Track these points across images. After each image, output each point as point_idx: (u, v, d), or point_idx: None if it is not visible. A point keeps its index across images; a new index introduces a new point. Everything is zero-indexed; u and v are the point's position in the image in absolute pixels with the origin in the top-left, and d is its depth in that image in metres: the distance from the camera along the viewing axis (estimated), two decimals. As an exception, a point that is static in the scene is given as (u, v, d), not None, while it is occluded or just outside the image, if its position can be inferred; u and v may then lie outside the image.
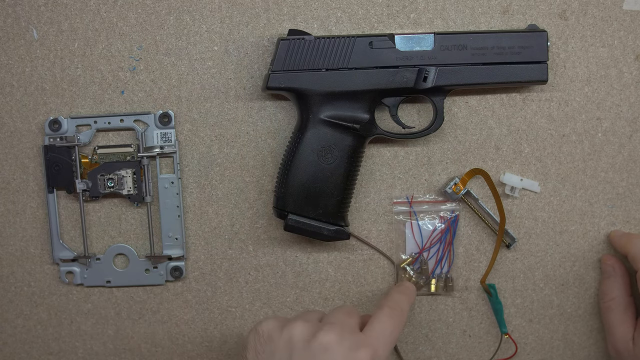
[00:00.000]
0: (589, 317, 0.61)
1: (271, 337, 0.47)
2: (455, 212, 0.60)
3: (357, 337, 0.46)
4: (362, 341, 0.46)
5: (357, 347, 0.45)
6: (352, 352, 0.44)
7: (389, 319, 0.49)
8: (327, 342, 0.45)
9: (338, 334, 0.45)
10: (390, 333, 0.48)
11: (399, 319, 0.50)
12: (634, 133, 0.59)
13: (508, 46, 0.54)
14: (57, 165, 0.59)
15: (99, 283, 0.61)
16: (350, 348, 0.45)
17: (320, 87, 0.54)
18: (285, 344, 0.46)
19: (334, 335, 0.45)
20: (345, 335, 0.46)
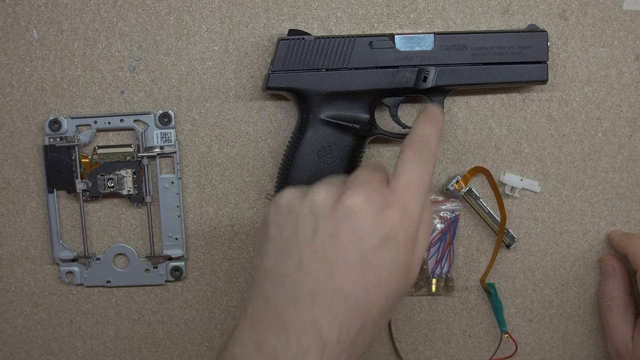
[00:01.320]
0: (589, 317, 0.61)
1: (292, 208, 0.42)
2: (455, 212, 0.60)
3: (384, 195, 0.41)
4: (389, 199, 0.41)
5: (385, 206, 0.40)
6: (379, 214, 0.40)
7: (416, 162, 0.42)
8: (352, 205, 0.40)
9: (364, 195, 0.40)
10: (420, 179, 0.42)
11: (428, 158, 0.43)
12: (634, 133, 0.59)
13: (508, 46, 0.54)
14: (57, 165, 0.59)
15: (99, 283, 0.61)
16: (378, 209, 0.40)
17: (320, 87, 0.54)
18: (308, 213, 0.41)
19: (359, 197, 0.40)
20: (372, 195, 0.41)
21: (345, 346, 0.39)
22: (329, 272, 0.40)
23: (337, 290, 0.39)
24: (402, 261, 0.41)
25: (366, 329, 0.40)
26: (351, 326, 0.39)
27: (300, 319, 0.39)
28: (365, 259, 0.40)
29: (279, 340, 0.39)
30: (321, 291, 0.40)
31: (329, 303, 0.39)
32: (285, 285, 0.41)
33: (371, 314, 0.40)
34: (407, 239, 0.41)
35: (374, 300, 0.40)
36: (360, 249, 0.40)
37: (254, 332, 0.40)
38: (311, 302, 0.39)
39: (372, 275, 0.40)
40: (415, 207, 0.41)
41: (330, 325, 0.39)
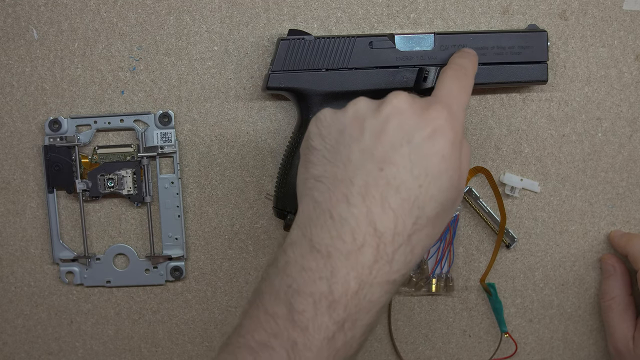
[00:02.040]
0: (589, 317, 0.61)
1: (336, 118, 0.43)
2: (455, 211, 0.60)
3: (427, 99, 0.43)
4: (433, 100, 0.42)
5: (429, 104, 0.41)
6: (425, 110, 0.41)
7: (454, 80, 0.45)
8: (397, 104, 0.41)
9: (408, 97, 0.42)
10: (459, 89, 0.44)
11: (466, 80, 0.46)
12: (634, 133, 0.59)
13: (508, 46, 0.54)
14: (57, 165, 0.59)
15: (99, 283, 0.61)
16: (423, 107, 0.41)
17: (320, 87, 0.54)
18: (352, 117, 0.42)
19: (403, 98, 0.41)
20: (415, 98, 0.42)
21: (402, 241, 0.39)
22: (379, 165, 0.40)
23: (390, 182, 0.39)
24: (452, 157, 0.41)
25: (421, 224, 0.40)
26: (406, 218, 0.39)
27: (354, 214, 0.39)
28: (415, 150, 0.40)
29: (332, 237, 0.39)
30: (373, 184, 0.39)
31: (381, 195, 0.39)
32: (336, 184, 0.40)
33: (425, 208, 0.40)
34: (454, 136, 0.41)
35: (426, 193, 0.40)
36: (409, 142, 0.40)
37: (306, 234, 0.40)
38: (363, 195, 0.39)
39: (423, 166, 0.40)
40: (458, 108, 0.43)
41: (385, 216, 0.39)
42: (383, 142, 0.40)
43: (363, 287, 0.39)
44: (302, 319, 0.38)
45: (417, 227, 0.40)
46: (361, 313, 0.39)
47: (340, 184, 0.40)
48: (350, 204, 0.39)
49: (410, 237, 0.40)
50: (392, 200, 0.39)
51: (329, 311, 0.38)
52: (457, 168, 0.41)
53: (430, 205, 0.40)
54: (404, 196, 0.39)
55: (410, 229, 0.39)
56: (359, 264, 0.38)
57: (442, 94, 0.43)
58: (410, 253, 0.40)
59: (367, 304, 0.39)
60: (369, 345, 0.62)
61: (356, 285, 0.38)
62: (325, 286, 0.38)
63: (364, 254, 0.39)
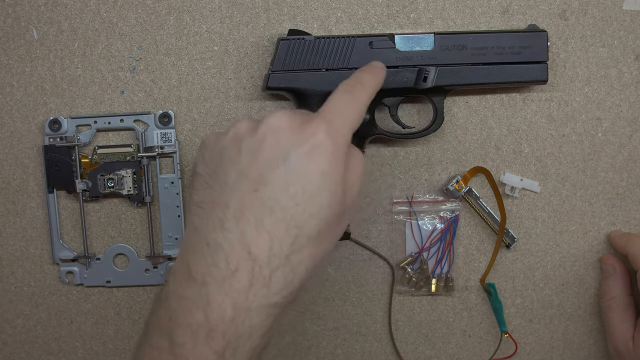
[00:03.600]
0: (589, 317, 0.61)
1: (217, 142, 0.42)
2: (455, 212, 0.60)
3: (308, 114, 0.41)
4: (314, 115, 0.41)
5: (309, 120, 0.40)
6: (304, 126, 0.39)
7: (345, 93, 0.43)
8: (275, 122, 0.40)
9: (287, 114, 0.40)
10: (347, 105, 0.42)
11: (359, 93, 0.44)
12: (634, 133, 0.59)
13: (508, 46, 0.54)
14: (57, 165, 0.59)
15: (99, 283, 0.61)
16: (301, 123, 0.40)
17: (320, 87, 0.54)
18: (232, 139, 0.41)
19: (282, 115, 0.40)
20: (295, 114, 0.41)
21: (279, 263, 0.38)
22: (254, 186, 0.39)
23: (264, 203, 0.38)
24: (332, 172, 0.39)
25: (300, 244, 0.39)
26: (283, 239, 0.38)
27: (228, 239, 0.38)
28: (291, 168, 0.39)
29: (207, 265, 0.38)
30: (248, 206, 0.38)
31: (256, 217, 0.38)
32: (213, 210, 0.39)
33: (303, 227, 0.38)
34: (335, 150, 0.40)
35: (304, 212, 0.38)
36: (285, 160, 0.39)
37: (185, 262, 0.39)
38: (238, 219, 0.38)
39: (299, 185, 0.38)
40: (342, 123, 0.41)
41: (259, 239, 0.38)
42: (259, 161, 0.39)
43: (239, 312, 0.37)
44: (182, 351, 0.37)
45: (296, 247, 0.38)
46: (242, 339, 0.38)
47: (216, 208, 0.39)
48: (225, 228, 0.38)
49: (289, 257, 0.38)
50: (266, 222, 0.38)
51: (207, 341, 0.37)
52: (340, 183, 0.40)
53: (309, 224, 0.39)
54: (279, 216, 0.38)
55: (287, 249, 0.38)
56: (233, 289, 0.37)
57: (326, 108, 0.42)
58: (290, 273, 0.39)
59: (247, 329, 0.38)
60: (369, 345, 0.62)
61: (232, 311, 0.37)
62: (202, 315, 0.37)
63: (238, 279, 0.37)
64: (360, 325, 0.62)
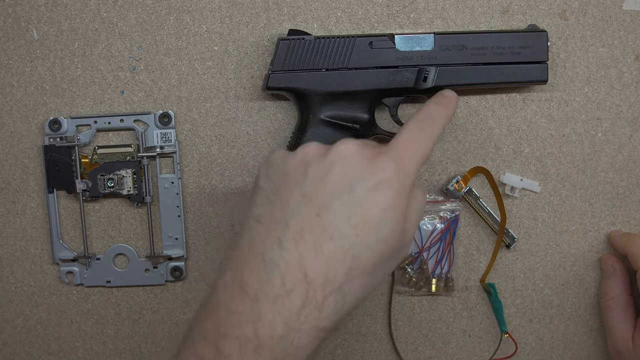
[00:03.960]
0: (589, 317, 0.61)
1: (284, 160, 0.42)
2: (455, 212, 0.60)
3: (380, 148, 0.42)
4: (383, 150, 0.41)
5: (379, 154, 0.41)
6: (372, 160, 0.40)
7: (416, 130, 0.43)
8: (344, 150, 0.40)
9: (358, 145, 0.41)
10: (419, 143, 0.43)
11: (430, 129, 0.44)
12: (634, 133, 0.59)
13: (508, 46, 0.54)
14: (57, 165, 0.59)
15: (99, 283, 0.61)
16: (372, 156, 0.40)
17: (320, 87, 0.54)
18: (299, 161, 0.41)
19: (352, 144, 0.41)
20: (365, 145, 0.41)
21: (332, 289, 0.38)
22: (317, 211, 0.39)
23: (325, 229, 0.39)
24: (395, 209, 0.40)
25: (355, 274, 0.39)
26: (339, 267, 0.38)
27: (285, 259, 0.38)
28: (355, 199, 0.39)
29: (261, 281, 0.38)
30: (308, 230, 0.39)
31: (315, 242, 0.38)
32: (272, 227, 0.40)
33: (360, 258, 0.39)
34: (400, 188, 0.40)
35: (362, 244, 0.39)
36: (350, 190, 0.39)
37: (237, 275, 0.40)
38: (297, 240, 0.39)
39: (362, 217, 0.39)
40: (410, 162, 0.41)
41: (316, 264, 0.38)
42: (324, 188, 0.40)
43: (290, 332, 0.38)
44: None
45: (350, 277, 0.39)
46: (288, 358, 0.38)
47: (276, 226, 0.40)
48: (283, 248, 0.39)
49: (342, 285, 0.39)
50: (325, 248, 0.38)
51: (254, 355, 0.38)
52: (401, 220, 0.40)
53: (366, 255, 0.39)
54: (338, 244, 0.39)
55: (342, 277, 0.39)
56: (286, 308, 0.38)
57: (396, 144, 0.42)
58: (341, 301, 0.39)
59: (294, 349, 0.38)
60: (369, 345, 0.62)
61: (283, 329, 0.38)
62: (251, 330, 0.38)
63: (292, 299, 0.38)
64: (360, 325, 0.62)
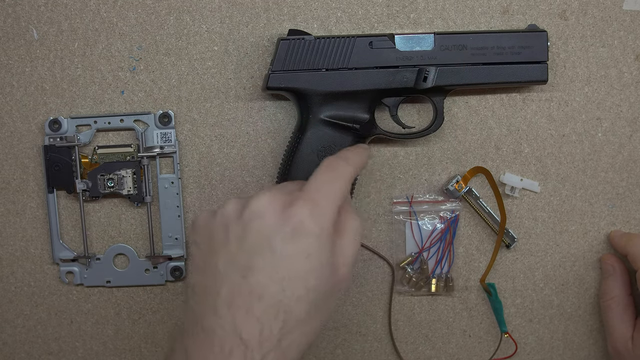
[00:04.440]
0: (589, 317, 0.61)
1: (207, 225, 0.44)
2: (455, 212, 0.60)
3: (293, 195, 0.42)
4: (296, 197, 0.42)
5: (292, 202, 0.41)
6: (286, 209, 0.41)
7: (327, 171, 0.44)
8: (258, 207, 0.41)
9: (270, 197, 0.42)
10: (331, 182, 0.43)
11: (342, 170, 0.44)
12: (634, 133, 0.59)
13: (508, 46, 0.54)
14: (57, 165, 0.59)
15: (99, 283, 0.61)
16: (284, 205, 0.41)
17: (320, 87, 0.54)
18: (219, 224, 0.43)
19: (264, 199, 0.41)
20: (277, 195, 0.42)
21: (270, 347, 0.39)
22: (242, 273, 0.40)
23: (252, 290, 0.40)
24: (318, 254, 0.40)
25: (291, 327, 0.40)
26: (272, 325, 0.39)
27: (221, 325, 0.39)
28: (276, 254, 0.40)
29: (203, 349, 0.40)
30: (237, 293, 0.40)
31: (246, 304, 0.39)
32: (207, 295, 0.41)
33: (292, 311, 0.40)
34: (320, 231, 0.40)
35: (292, 296, 0.40)
36: (269, 246, 0.40)
37: (183, 345, 0.41)
38: (229, 305, 0.40)
39: (285, 270, 0.40)
40: (327, 203, 0.42)
41: (249, 325, 0.39)
42: (245, 248, 0.40)
43: None
44: None
45: (286, 331, 0.40)
46: None
47: (209, 294, 0.41)
48: (217, 314, 0.40)
49: (280, 341, 0.39)
50: (255, 308, 0.39)
51: None
52: (327, 263, 0.41)
53: (298, 308, 0.40)
54: (268, 302, 0.39)
55: (278, 333, 0.39)
56: None
57: (309, 187, 0.43)
58: (282, 356, 0.40)
59: None
60: (369, 345, 0.62)
61: None
62: None
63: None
64: (360, 325, 0.62)
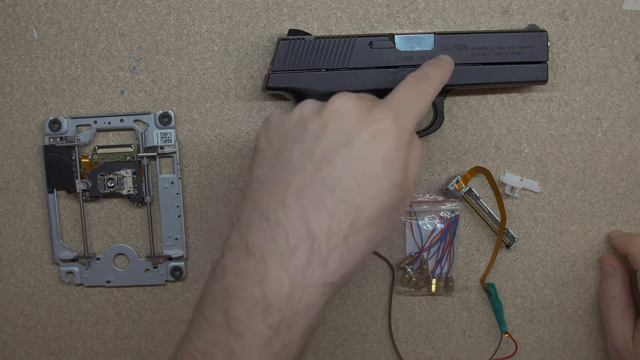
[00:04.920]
0: (589, 317, 0.61)
1: (282, 122, 0.43)
2: (455, 212, 0.60)
3: (375, 100, 0.42)
4: (380, 103, 0.41)
5: (375, 106, 0.41)
6: (369, 111, 0.40)
7: (413, 85, 0.44)
8: (340, 105, 0.41)
9: (353, 98, 0.41)
10: (414, 97, 0.43)
11: (426, 87, 0.44)
12: (634, 133, 0.59)
13: (508, 46, 0.54)
14: (57, 165, 0.59)
15: (99, 283, 0.61)
16: (367, 109, 0.40)
17: (320, 87, 0.54)
18: (297, 120, 0.42)
19: (347, 99, 0.41)
20: (362, 98, 0.41)
21: (337, 242, 0.38)
22: (317, 166, 0.39)
23: (326, 183, 0.39)
24: (395, 158, 0.40)
25: (358, 225, 0.39)
26: (342, 220, 0.38)
27: (288, 216, 0.38)
28: (354, 152, 0.39)
29: (266, 240, 0.38)
30: (309, 185, 0.39)
31: (317, 196, 0.39)
32: (274, 186, 0.40)
33: (363, 209, 0.39)
34: (399, 138, 0.40)
35: (364, 194, 0.39)
36: (348, 143, 0.39)
37: (243, 237, 0.40)
38: (298, 196, 0.39)
39: (362, 167, 0.39)
40: (407, 114, 0.41)
41: (319, 217, 0.38)
42: (322, 142, 0.40)
43: (296, 289, 0.38)
44: (237, 325, 0.38)
45: (355, 228, 0.39)
46: (297, 316, 0.38)
47: (278, 185, 0.40)
48: (285, 205, 0.39)
49: (347, 237, 0.39)
50: (327, 201, 0.38)
51: (263, 316, 0.38)
52: (402, 169, 0.40)
53: (369, 207, 0.39)
54: (340, 197, 0.39)
55: (346, 229, 0.39)
56: (291, 266, 0.38)
57: (393, 97, 0.42)
58: (347, 253, 0.39)
59: (302, 307, 0.38)
60: (369, 345, 0.62)
61: (289, 287, 0.38)
62: (259, 290, 0.38)
63: (296, 256, 0.38)
64: (360, 325, 0.62)
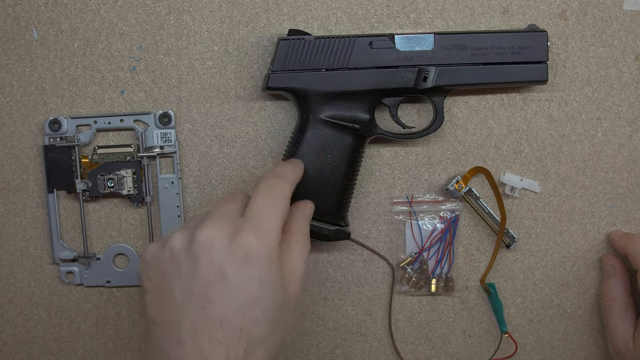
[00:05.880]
0: (589, 317, 0.61)
1: (157, 260, 0.45)
2: (455, 212, 0.60)
3: (237, 223, 0.44)
4: (241, 224, 0.43)
5: (237, 231, 0.43)
6: (233, 238, 0.42)
7: (267, 191, 0.46)
8: (205, 239, 0.43)
9: (215, 227, 0.43)
10: (272, 202, 0.45)
11: (280, 186, 0.47)
12: (634, 133, 0.59)
13: (508, 46, 0.54)
14: (57, 165, 0.59)
15: (99, 283, 0.61)
16: (231, 235, 0.43)
17: (320, 87, 0.54)
18: (170, 259, 0.44)
19: (210, 230, 0.43)
20: (222, 225, 0.43)
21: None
22: (201, 304, 0.42)
23: (213, 318, 0.41)
24: (269, 276, 0.43)
25: (254, 347, 0.42)
26: (237, 348, 0.41)
27: (187, 354, 0.41)
28: (230, 283, 0.42)
29: None
30: (199, 323, 0.41)
31: (208, 332, 0.41)
32: (168, 327, 0.42)
33: (253, 331, 0.42)
34: (268, 255, 0.43)
35: (251, 319, 0.42)
36: (222, 276, 0.42)
37: None
38: (192, 334, 0.41)
39: (241, 295, 0.42)
40: (270, 225, 0.44)
41: (215, 351, 0.41)
42: (199, 281, 0.42)
43: None
44: None
45: (251, 350, 0.42)
46: None
47: (171, 326, 0.42)
48: (183, 344, 0.41)
49: None
50: (219, 335, 0.41)
51: None
52: (278, 283, 0.43)
53: (258, 327, 0.42)
54: (229, 329, 0.41)
55: (242, 354, 0.41)
56: None
57: (251, 211, 0.44)
58: None
59: None
60: (369, 345, 0.62)
61: None
62: None
63: None
64: (360, 325, 0.62)
